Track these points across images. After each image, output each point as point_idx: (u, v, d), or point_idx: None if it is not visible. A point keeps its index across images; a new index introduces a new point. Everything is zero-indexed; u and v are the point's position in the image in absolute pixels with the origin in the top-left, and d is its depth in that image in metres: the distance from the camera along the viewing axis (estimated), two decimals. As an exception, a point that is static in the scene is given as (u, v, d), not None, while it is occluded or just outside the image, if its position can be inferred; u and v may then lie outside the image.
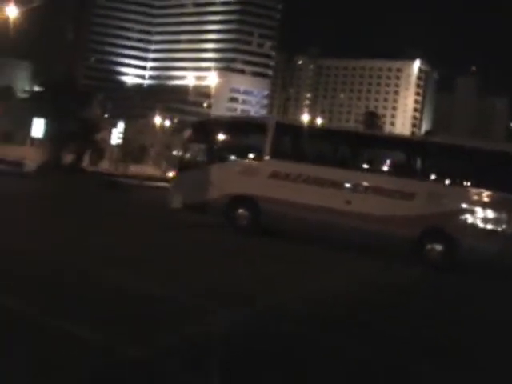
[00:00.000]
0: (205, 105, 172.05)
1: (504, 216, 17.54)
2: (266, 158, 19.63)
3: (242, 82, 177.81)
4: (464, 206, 17.88)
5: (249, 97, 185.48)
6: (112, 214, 20.66)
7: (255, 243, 17.89)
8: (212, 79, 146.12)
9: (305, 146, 21.27)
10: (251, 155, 20.16)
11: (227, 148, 20.70)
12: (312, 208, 18.42)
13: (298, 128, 22.97)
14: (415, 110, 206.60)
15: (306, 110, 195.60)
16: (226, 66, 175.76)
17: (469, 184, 18.29)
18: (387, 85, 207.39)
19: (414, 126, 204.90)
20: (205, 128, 21.96)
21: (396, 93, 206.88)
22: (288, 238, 19.33)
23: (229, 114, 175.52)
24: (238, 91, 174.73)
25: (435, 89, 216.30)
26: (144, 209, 24.56)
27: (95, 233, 15.42)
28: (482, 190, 17.79)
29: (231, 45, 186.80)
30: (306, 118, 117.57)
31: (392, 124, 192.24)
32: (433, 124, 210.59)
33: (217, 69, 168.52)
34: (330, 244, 18.65)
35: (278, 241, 18.87)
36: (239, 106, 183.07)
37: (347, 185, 18.84)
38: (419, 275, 16.53)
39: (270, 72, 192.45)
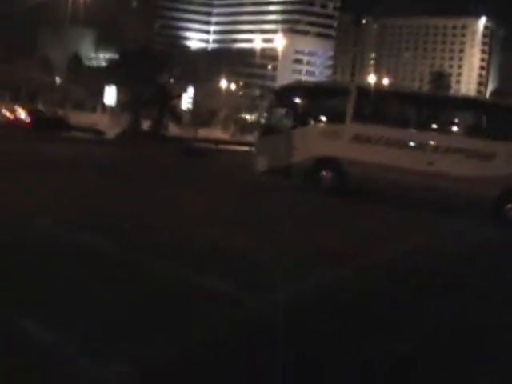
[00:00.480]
0: (269, 67, 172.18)
1: None
2: (349, 121, 20.34)
3: (307, 44, 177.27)
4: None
5: (313, 58, 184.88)
6: (202, 178, 21.44)
7: (343, 203, 18.66)
8: (277, 41, 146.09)
9: (385, 110, 22.02)
10: (334, 119, 20.85)
11: (311, 112, 21.42)
12: (394, 169, 19.14)
13: (378, 92, 23.52)
14: (481, 68, 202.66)
15: (371, 70, 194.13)
16: (290, 28, 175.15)
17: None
18: (452, 43, 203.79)
19: (480, 84, 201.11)
20: (288, 93, 22.73)
21: (461, 51, 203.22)
22: (371, 198, 19.98)
23: (294, 75, 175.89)
24: (302, 53, 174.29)
25: (501, 46, 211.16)
26: (229, 173, 25.37)
27: (195, 197, 16.20)
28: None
29: (295, 6, 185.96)
30: (372, 78, 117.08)
31: (458, 82, 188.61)
32: (499, 82, 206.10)
33: (281, 31, 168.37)
34: (410, 204, 19.26)
35: (363, 201, 19.58)
36: (304, 68, 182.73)
37: (428, 146, 19.46)
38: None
39: (334, 33, 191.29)
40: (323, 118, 21.09)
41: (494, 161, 18.82)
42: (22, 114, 45.81)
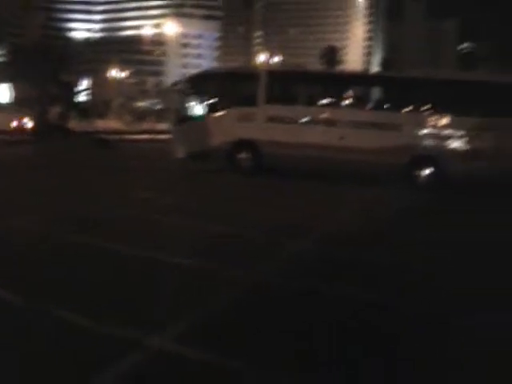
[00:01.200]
0: (156, 52, 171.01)
1: (482, 138, 19.37)
2: (261, 103, 21.14)
3: (193, 27, 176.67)
4: (446, 132, 19.73)
5: (201, 40, 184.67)
6: (125, 170, 21.68)
7: (267, 183, 19.64)
8: (162, 26, 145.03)
9: (295, 90, 22.92)
10: (248, 103, 21.57)
11: (224, 98, 22.00)
12: (307, 146, 20.15)
13: (287, 73, 24.43)
14: (367, 39, 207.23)
15: (259, 48, 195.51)
16: (176, 12, 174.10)
17: (449, 112, 19.95)
18: (336, 16, 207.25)
19: (366, 54, 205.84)
20: (201, 80, 23.32)
21: (346, 23, 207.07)
22: (289, 175, 20.96)
23: (183, 60, 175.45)
24: (189, 36, 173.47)
25: (385, 17, 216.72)
26: (149, 162, 25.77)
27: (129, 189, 16.60)
28: (461, 117, 19.62)
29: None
30: (262, 57, 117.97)
31: (345, 54, 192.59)
32: (385, 52, 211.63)
33: (166, 15, 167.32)
34: (329, 178, 20.39)
35: (284, 178, 20.53)
36: (192, 51, 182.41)
37: (338, 122, 20.51)
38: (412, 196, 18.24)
39: (220, 13, 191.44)
40: (237, 103, 21.70)
41: (401, 131, 20.09)
42: None
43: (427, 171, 19.83)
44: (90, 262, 8.37)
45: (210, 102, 21.91)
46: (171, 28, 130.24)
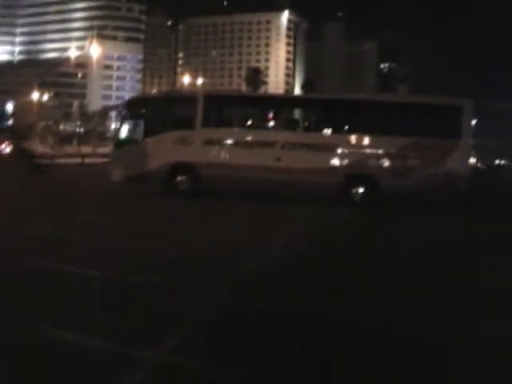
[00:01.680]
0: (79, 75, 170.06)
1: (414, 157, 20.35)
2: (199, 127, 21.53)
3: (115, 49, 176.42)
4: (378, 151, 20.58)
5: (123, 62, 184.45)
6: (65, 195, 21.46)
7: (208, 204, 20.02)
8: (85, 49, 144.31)
9: (232, 113, 23.42)
10: (185, 126, 21.94)
11: (162, 121, 22.23)
12: (245, 168, 20.58)
13: (224, 97, 24.95)
14: (288, 60, 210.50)
15: (179, 70, 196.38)
16: (98, 34, 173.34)
17: (379, 133, 20.67)
18: (258, 38, 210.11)
19: (287, 75, 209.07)
20: (138, 104, 23.59)
21: (267, 45, 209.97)
22: (229, 197, 21.37)
23: (105, 82, 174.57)
24: (112, 58, 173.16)
25: (305, 38, 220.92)
26: (87, 185, 25.77)
27: (73, 212, 16.35)
28: (390, 137, 20.52)
29: (101, 12, 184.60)
30: (186, 79, 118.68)
31: (266, 76, 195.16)
32: (306, 73, 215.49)
33: (88, 38, 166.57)
34: (267, 198, 20.98)
35: (223, 200, 20.98)
36: (114, 73, 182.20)
37: (275, 144, 21.05)
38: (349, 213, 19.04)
39: (142, 36, 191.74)
40: (174, 126, 22.01)
41: (335, 151, 20.86)
42: None
43: (361, 189, 20.61)
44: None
45: (148, 125, 22.09)
46: (94, 50, 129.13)
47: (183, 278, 9.15)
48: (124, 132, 22.80)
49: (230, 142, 21.48)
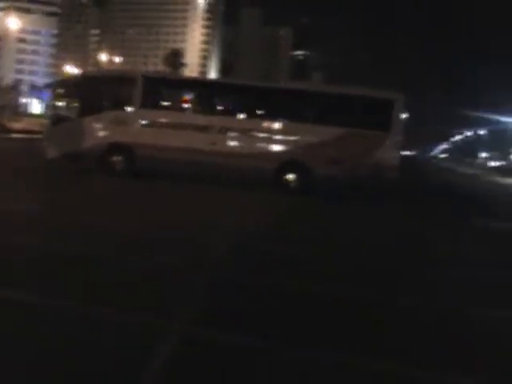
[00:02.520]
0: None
1: (346, 146, 21.20)
2: (136, 107, 21.73)
3: (30, 22, 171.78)
4: (310, 139, 21.31)
5: (37, 36, 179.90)
6: None
7: (144, 185, 20.30)
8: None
9: (170, 95, 23.67)
10: (123, 106, 22.09)
11: (99, 100, 22.32)
12: (181, 150, 20.95)
13: (162, 79, 25.17)
14: (204, 42, 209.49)
15: (95, 47, 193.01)
16: (11, 6, 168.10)
17: (312, 120, 21.54)
18: (175, 18, 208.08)
19: (203, 58, 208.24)
20: (75, 82, 23.54)
21: (184, 26, 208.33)
22: (161, 178, 21.69)
23: (19, 55, 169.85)
24: (26, 32, 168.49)
25: (222, 21, 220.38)
26: (17, 161, 25.44)
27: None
28: (322, 125, 21.32)
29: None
30: (103, 57, 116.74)
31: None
32: (222, 56, 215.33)
33: (2, 9, 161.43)
34: (201, 180, 21.45)
35: (158, 181, 21.29)
36: (28, 47, 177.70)
37: (211, 128, 21.49)
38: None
39: (58, 10, 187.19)
40: (112, 106, 22.13)
41: (271, 138, 21.53)
42: None
43: (294, 176, 21.33)
44: None
45: (86, 103, 22.08)
46: (12, 23, 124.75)
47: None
48: (60, 109, 22.76)
49: (166, 123, 21.77)
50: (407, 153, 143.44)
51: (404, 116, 22.20)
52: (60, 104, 22.97)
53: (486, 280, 9.99)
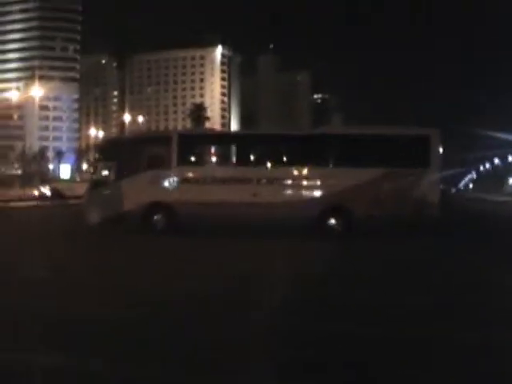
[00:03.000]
0: (15, 116, 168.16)
1: (387, 187, 21.13)
2: (174, 166, 21.86)
3: (51, 89, 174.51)
4: (354, 183, 21.26)
5: (59, 102, 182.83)
6: (44, 235, 21.38)
7: (191, 243, 20.10)
8: (20, 89, 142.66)
9: (207, 151, 23.84)
10: (161, 166, 22.26)
11: (137, 162, 22.43)
12: (222, 204, 20.97)
13: (198, 136, 25.36)
14: (223, 94, 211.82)
15: (115, 108, 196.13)
16: (33, 75, 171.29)
17: (356, 165, 21.35)
18: (192, 73, 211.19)
19: (223, 109, 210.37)
20: (112, 146, 23.87)
21: (202, 80, 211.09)
22: (205, 234, 21.68)
23: (41, 122, 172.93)
24: (47, 98, 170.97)
25: (240, 71, 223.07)
26: (63, 228, 25.52)
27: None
28: (365, 169, 21.29)
29: (35, 52, 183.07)
30: (127, 117, 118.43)
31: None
32: (241, 107, 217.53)
33: (23, 78, 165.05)
34: (252, 232, 21.21)
35: (203, 237, 21.27)
36: (51, 114, 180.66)
37: (251, 180, 21.51)
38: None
39: (77, 75, 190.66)
40: (150, 166, 22.32)
41: (312, 185, 21.53)
42: None
43: (336, 220, 21.26)
44: None
45: (124, 166, 22.27)
46: (36, 91, 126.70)
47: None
48: (100, 173, 23.01)
49: (204, 179, 21.85)
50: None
51: (441, 151, 22.11)
52: (99, 168, 23.24)
53: None
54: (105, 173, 23.05)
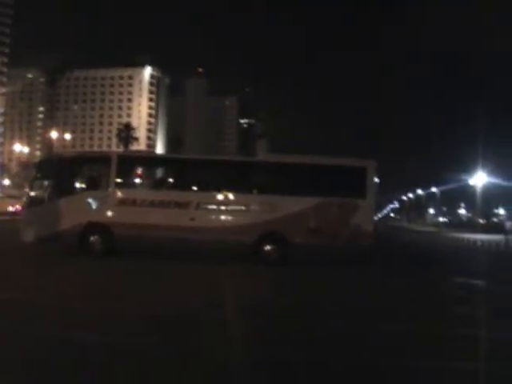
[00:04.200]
0: None
1: (322, 216, 21.63)
2: (112, 187, 21.83)
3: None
4: (290, 210, 21.67)
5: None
6: None
7: (126, 265, 20.06)
8: None
9: (146, 173, 23.93)
10: (98, 186, 22.21)
11: (75, 181, 22.53)
12: (160, 227, 21.04)
13: (137, 158, 25.41)
14: (150, 115, 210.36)
15: (39, 123, 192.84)
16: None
17: (294, 192, 21.89)
18: (120, 93, 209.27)
19: (149, 131, 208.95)
20: (51, 164, 23.65)
21: (130, 100, 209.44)
22: (141, 255, 21.78)
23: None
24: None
25: (168, 93, 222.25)
26: None
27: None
28: (302, 197, 21.76)
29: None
30: (54, 134, 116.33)
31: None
32: (168, 129, 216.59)
33: None
34: (182, 256, 21.55)
35: (141, 259, 21.26)
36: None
37: (188, 204, 21.65)
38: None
39: (4, 89, 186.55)
40: (88, 186, 22.25)
41: (249, 211, 21.80)
42: None
43: (272, 247, 21.60)
44: None
45: (61, 185, 22.16)
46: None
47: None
48: (37, 191, 22.78)
49: (142, 201, 21.84)
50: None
51: (377, 182, 22.79)
52: (36, 186, 22.99)
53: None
54: (41, 190, 22.80)
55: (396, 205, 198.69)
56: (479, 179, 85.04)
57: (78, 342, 8.89)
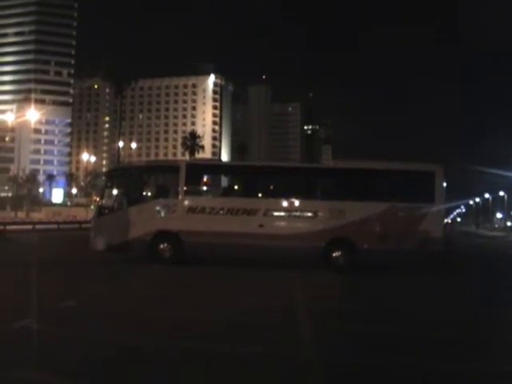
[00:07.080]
0: (7, 139, 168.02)
1: (391, 221, 21.35)
2: (181, 195, 22.02)
3: (44, 112, 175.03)
4: (359, 216, 21.49)
5: (51, 126, 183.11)
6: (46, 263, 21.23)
7: (199, 271, 20.31)
8: (12, 112, 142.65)
9: (215, 181, 24.00)
10: (168, 194, 22.45)
11: (145, 190, 22.78)
12: (229, 234, 21.10)
13: (206, 166, 25.50)
14: (214, 123, 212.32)
15: (106, 133, 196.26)
16: (25, 98, 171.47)
17: (362, 198, 21.60)
18: (184, 101, 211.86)
19: (214, 138, 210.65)
20: (120, 173, 24.02)
21: (194, 108, 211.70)
22: (212, 263, 21.89)
23: (33, 146, 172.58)
24: (39, 122, 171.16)
25: (231, 100, 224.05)
26: (66, 254, 25.54)
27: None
28: (371, 202, 21.52)
29: (28, 75, 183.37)
30: (121, 143, 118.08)
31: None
32: (232, 136, 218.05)
33: (16, 101, 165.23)
34: (250, 263, 21.60)
35: (211, 266, 21.42)
36: (43, 137, 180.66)
37: (258, 211, 21.66)
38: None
39: (70, 99, 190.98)
40: (157, 194, 22.52)
41: (318, 217, 21.66)
42: None
43: (342, 253, 21.42)
44: None
45: (131, 194, 22.52)
46: (17, 113, 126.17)
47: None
48: (107, 200, 23.11)
49: (211, 209, 21.90)
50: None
51: (445, 186, 22.40)
52: (107, 194, 23.34)
53: None
54: (113, 199, 23.15)
55: (463, 209, 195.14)
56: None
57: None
